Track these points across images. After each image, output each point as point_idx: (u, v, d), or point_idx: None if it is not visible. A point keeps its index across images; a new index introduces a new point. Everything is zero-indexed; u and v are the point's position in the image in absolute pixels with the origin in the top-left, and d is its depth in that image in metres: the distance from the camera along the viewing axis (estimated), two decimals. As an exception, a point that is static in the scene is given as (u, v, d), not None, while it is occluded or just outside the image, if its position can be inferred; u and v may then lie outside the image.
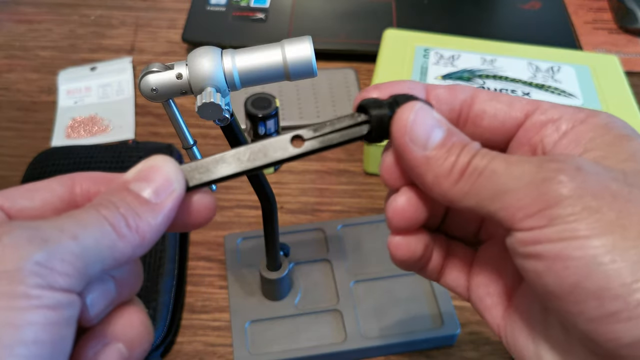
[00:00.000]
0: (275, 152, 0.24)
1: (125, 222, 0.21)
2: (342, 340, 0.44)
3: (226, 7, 0.71)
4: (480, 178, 0.22)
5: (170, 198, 0.22)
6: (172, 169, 0.23)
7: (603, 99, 0.52)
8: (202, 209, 0.24)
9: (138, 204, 0.21)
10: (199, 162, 0.23)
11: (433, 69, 0.54)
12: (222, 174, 0.24)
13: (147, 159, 0.23)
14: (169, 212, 0.22)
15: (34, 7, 0.74)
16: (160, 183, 0.22)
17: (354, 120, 0.24)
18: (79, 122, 0.61)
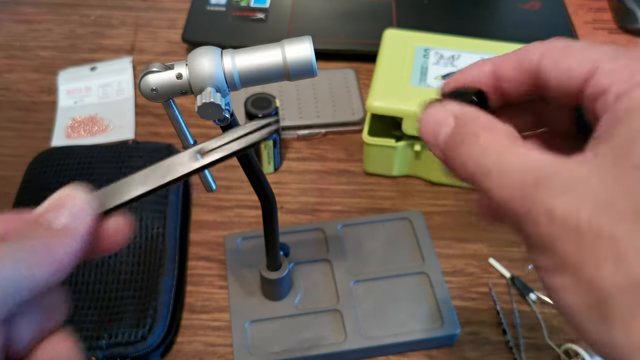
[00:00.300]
0: (179, 168, 0.25)
1: (36, 252, 0.21)
2: (342, 340, 0.44)
3: (226, 7, 0.71)
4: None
5: (84, 223, 0.23)
6: (84, 196, 0.24)
7: (603, 99, 0.52)
8: (116, 232, 0.25)
9: (52, 233, 0.22)
10: (110, 187, 0.25)
11: (433, 69, 0.54)
12: (133, 195, 0.25)
13: (58, 191, 0.24)
14: (83, 237, 0.23)
15: (34, 7, 0.74)
16: (73, 210, 0.23)
17: (254, 126, 0.25)
18: (79, 122, 0.61)
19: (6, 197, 0.53)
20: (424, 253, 0.49)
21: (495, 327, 0.46)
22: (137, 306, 0.44)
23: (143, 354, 0.42)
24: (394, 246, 0.50)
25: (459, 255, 0.51)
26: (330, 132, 0.60)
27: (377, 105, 0.51)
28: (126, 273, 0.46)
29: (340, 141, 0.60)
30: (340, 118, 0.60)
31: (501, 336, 0.46)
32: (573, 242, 0.19)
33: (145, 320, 0.43)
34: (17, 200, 0.50)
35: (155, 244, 0.47)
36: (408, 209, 0.53)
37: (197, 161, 0.25)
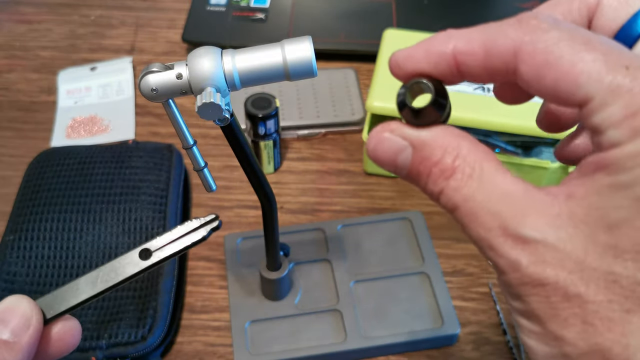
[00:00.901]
0: (125, 269, 0.26)
1: None
2: (342, 340, 0.44)
3: (226, 7, 0.71)
4: (470, 179, 0.20)
5: (28, 334, 0.23)
6: (27, 307, 0.24)
7: (603, 99, 0.52)
8: (65, 336, 0.25)
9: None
10: (54, 292, 0.25)
11: (433, 69, 0.54)
12: (77, 300, 0.25)
13: (3, 300, 0.24)
14: (28, 348, 0.23)
15: (34, 7, 0.74)
16: (16, 322, 0.23)
17: (195, 224, 0.26)
18: (79, 122, 0.61)
19: (6, 197, 0.53)
20: (424, 253, 0.49)
21: (495, 327, 0.47)
22: (137, 306, 0.44)
23: (143, 354, 0.42)
24: (394, 246, 0.50)
25: (459, 255, 0.51)
26: (330, 132, 0.60)
27: (377, 105, 0.51)
28: (126, 273, 0.46)
29: (340, 141, 0.60)
30: (340, 118, 0.60)
31: (501, 336, 0.46)
32: (541, 297, 0.18)
33: (145, 320, 0.43)
34: (17, 200, 0.50)
35: (155, 244, 0.47)
36: (408, 209, 0.53)
37: (143, 261, 0.26)
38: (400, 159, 0.22)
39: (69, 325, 0.25)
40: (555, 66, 0.19)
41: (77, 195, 0.49)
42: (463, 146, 0.21)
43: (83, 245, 0.46)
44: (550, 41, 0.19)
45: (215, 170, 0.57)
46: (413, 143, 0.21)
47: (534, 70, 0.19)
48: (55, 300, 0.25)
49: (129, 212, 0.48)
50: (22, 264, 0.45)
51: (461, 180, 0.20)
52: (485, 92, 0.52)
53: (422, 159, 0.21)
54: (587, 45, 0.18)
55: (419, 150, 0.21)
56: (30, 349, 0.23)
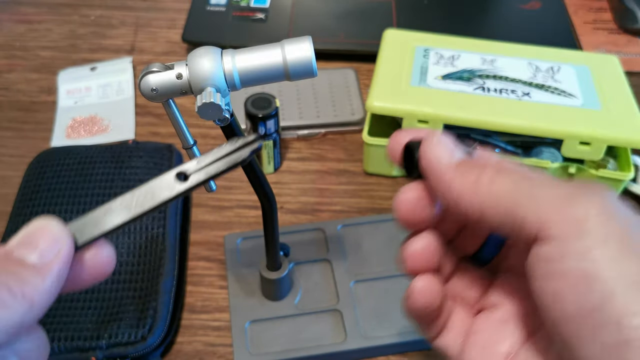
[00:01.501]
0: (162, 192, 0.24)
1: (7, 290, 0.20)
2: (342, 340, 0.44)
3: (226, 7, 0.71)
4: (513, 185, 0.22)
5: (58, 259, 0.21)
6: (57, 229, 0.22)
7: (603, 99, 0.52)
8: (97, 264, 0.23)
9: (22, 270, 0.21)
10: (86, 217, 0.23)
11: (433, 69, 0.54)
12: (111, 225, 0.23)
13: (30, 222, 0.22)
14: (58, 274, 0.21)
15: (34, 7, 0.74)
16: (46, 245, 0.22)
17: (234, 146, 0.24)
18: (79, 122, 0.61)
19: (6, 197, 0.53)
20: (424, 253, 0.49)
21: (495, 327, 0.46)
22: (137, 306, 0.44)
23: (143, 354, 0.42)
24: (394, 246, 0.50)
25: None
26: (330, 132, 0.60)
27: (377, 105, 0.51)
28: (126, 273, 0.46)
29: (340, 141, 0.60)
30: (340, 118, 0.60)
31: (501, 336, 0.46)
32: None
33: (145, 320, 0.43)
34: (17, 200, 0.50)
35: (155, 244, 0.47)
36: (408, 209, 0.53)
37: (180, 184, 0.24)
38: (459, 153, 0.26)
39: (103, 252, 0.23)
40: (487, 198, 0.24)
41: (77, 195, 0.49)
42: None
43: (83, 245, 0.46)
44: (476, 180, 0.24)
45: (215, 170, 0.56)
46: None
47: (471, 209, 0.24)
48: (86, 225, 0.23)
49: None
50: (22, 264, 0.45)
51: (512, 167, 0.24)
52: (485, 92, 0.52)
53: None
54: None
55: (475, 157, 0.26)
56: (60, 275, 0.21)
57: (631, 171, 0.51)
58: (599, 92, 0.52)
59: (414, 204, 0.26)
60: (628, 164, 0.52)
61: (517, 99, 0.51)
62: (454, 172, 0.24)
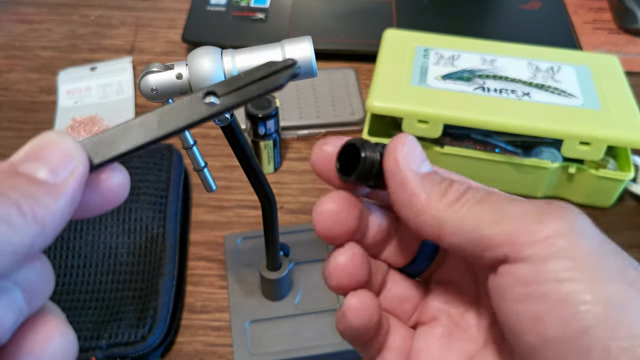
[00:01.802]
0: (187, 113, 0.21)
1: (17, 209, 0.17)
2: (342, 340, 0.44)
3: (226, 7, 0.71)
4: (479, 204, 0.21)
5: (73, 177, 0.18)
6: (70, 144, 0.19)
7: (603, 99, 0.52)
8: (111, 189, 0.20)
9: (33, 186, 0.18)
10: (102, 135, 0.20)
11: (433, 69, 0.54)
12: (130, 145, 0.20)
13: (37, 136, 0.19)
14: (72, 194, 0.18)
15: (34, 7, 0.74)
16: (58, 160, 0.18)
17: (271, 68, 0.21)
18: (79, 122, 0.61)
19: (6, 197, 0.53)
20: (424, 253, 0.49)
21: (495, 327, 0.46)
22: (137, 306, 0.44)
23: (143, 354, 0.42)
24: (394, 246, 0.50)
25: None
26: (330, 132, 0.60)
27: (377, 105, 0.51)
28: (126, 273, 0.46)
29: (340, 141, 0.60)
30: (340, 118, 0.60)
31: (501, 336, 0.46)
32: None
33: (145, 320, 0.43)
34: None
35: (155, 244, 0.47)
36: (408, 209, 0.53)
37: (209, 106, 0.21)
38: (427, 164, 0.24)
39: (119, 175, 0.20)
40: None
41: (77, 195, 0.49)
42: None
43: (83, 245, 0.46)
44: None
45: (215, 170, 0.57)
46: None
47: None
48: (102, 144, 0.20)
49: (129, 212, 0.48)
50: (22, 264, 0.45)
51: (481, 189, 0.23)
52: (485, 92, 0.52)
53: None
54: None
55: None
56: (74, 196, 0.18)
57: (631, 171, 0.51)
58: (599, 92, 0.52)
59: (335, 217, 0.24)
60: (628, 164, 0.52)
61: (517, 99, 0.51)
62: (420, 183, 0.22)
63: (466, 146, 0.53)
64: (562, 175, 0.53)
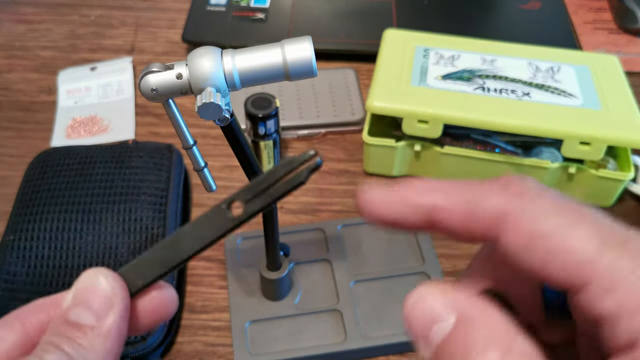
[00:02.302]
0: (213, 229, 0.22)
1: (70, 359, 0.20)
2: (342, 340, 0.44)
3: (226, 7, 0.71)
4: None
5: (112, 316, 0.21)
6: (107, 283, 0.21)
7: (603, 99, 0.52)
8: (157, 308, 0.22)
9: (80, 334, 0.20)
10: (136, 261, 0.22)
11: (433, 69, 0.54)
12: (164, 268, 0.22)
13: (80, 276, 0.22)
14: (116, 330, 0.21)
15: (34, 7, 0.74)
16: (98, 303, 0.21)
17: (291, 165, 0.22)
18: (79, 122, 0.61)
19: (6, 197, 0.53)
20: (424, 253, 0.49)
21: (495, 327, 0.46)
22: (137, 306, 0.44)
23: (143, 354, 0.42)
24: (394, 246, 0.50)
25: (459, 255, 0.51)
26: (330, 132, 0.60)
27: (377, 105, 0.51)
28: (126, 273, 0.46)
29: (340, 141, 0.60)
30: (340, 118, 0.60)
31: (501, 336, 0.46)
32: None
33: (145, 320, 0.43)
34: (17, 200, 0.50)
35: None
36: (408, 209, 0.53)
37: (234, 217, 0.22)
38: (435, 330, 0.18)
39: (161, 296, 0.22)
40: (544, 241, 0.17)
41: (77, 195, 0.49)
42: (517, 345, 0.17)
43: (83, 245, 0.46)
44: (538, 212, 0.17)
45: (215, 170, 0.57)
46: (461, 315, 0.18)
47: (520, 242, 0.17)
48: (138, 270, 0.22)
49: (129, 212, 0.48)
50: (22, 264, 0.45)
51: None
52: (485, 92, 0.52)
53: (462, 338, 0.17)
54: (577, 218, 0.17)
55: (463, 326, 0.17)
56: (117, 331, 0.21)
57: (631, 171, 0.51)
58: (599, 92, 0.52)
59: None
60: (628, 164, 0.52)
61: (517, 99, 0.51)
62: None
63: (466, 146, 0.53)
64: (562, 175, 0.53)
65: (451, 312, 0.18)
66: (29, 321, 0.22)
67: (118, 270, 0.22)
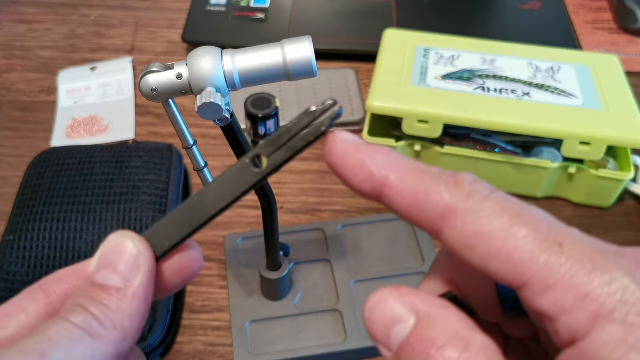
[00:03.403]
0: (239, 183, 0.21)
1: (97, 320, 0.19)
2: (342, 340, 0.44)
3: (226, 7, 0.71)
4: None
5: (139, 277, 0.20)
6: (134, 245, 0.21)
7: (603, 99, 0.52)
8: (183, 269, 0.22)
9: (107, 296, 0.20)
10: (159, 224, 0.22)
11: (433, 69, 0.54)
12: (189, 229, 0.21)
13: (105, 240, 0.22)
14: (142, 292, 0.20)
15: (34, 7, 0.74)
16: (124, 265, 0.21)
17: (311, 116, 0.21)
18: (79, 122, 0.61)
19: (6, 197, 0.53)
20: (424, 253, 0.49)
21: (495, 327, 0.46)
22: (137, 306, 0.44)
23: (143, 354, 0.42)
24: (394, 246, 0.50)
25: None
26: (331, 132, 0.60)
27: (377, 105, 0.51)
28: (126, 273, 0.46)
29: (340, 141, 0.60)
30: (340, 118, 0.60)
31: (501, 336, 0.46)
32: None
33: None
34: (17, 200, 0.50)
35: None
36: (408, 209, 0.53)
37: (258, 170, 0.21)
38: (396, 331, 0.18)
39: (186, 257, 0.22)
40: (485, 241, 0.18)
41: (77, 195, 0.49)
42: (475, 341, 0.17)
43: (83, 245, 0.46)
44: (482, 212, 0.18)
45: (215, 170, 0.56)
46: (421, 316, 0.18)
47: (462, 240, 0.18)
48: (164, 232, 0.21)
49: (129, 212, 0.48)
50: (22, 264, 0.45)
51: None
52: (485, 92, 0.52)
53: (422, 337, 0.18)
54: (518, 219, 0.18)
55: (423, 325, 0.18)
56: (144, 294, 0.20)
57: (631, 171, 0.51)
58: (599, 92, 0.52)
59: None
60: (628, 164, 0.52)
61: (517, 99, 0.51)
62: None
63: (466, 146, 0.53)
64: (562, 175, 0.53)
65: (411, 313, 0.18)
66: (53, 291, 0.22)
67: (143, 233, 0.22)
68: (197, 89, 0.29)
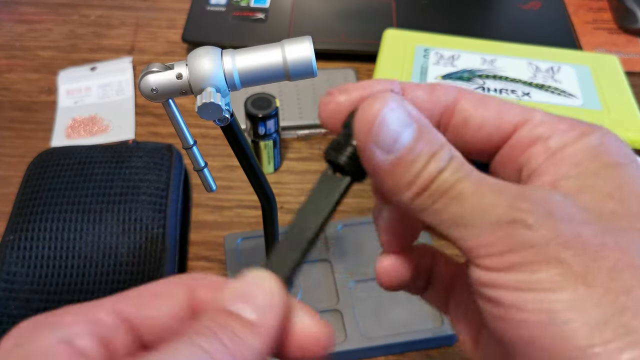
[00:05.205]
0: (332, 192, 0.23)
1: (226, 349, 0.18)
2: (342, 340, 0.44)
3: (226, 7, 0.71)
4: (442, 198, 0.20)
5: (274, 316, 0.20)
6: (270, 282, 0.21)
7: (603, 99, 0.52)
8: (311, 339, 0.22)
9: (239, 326, 0.19)
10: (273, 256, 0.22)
11: (433, 69, 0.54)
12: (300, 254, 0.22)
13: (243, 273, 0.21)
14: (273, 332, 0.20)
15: (34, 7, 0.74)
16: (261, 299, 0.20)
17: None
18: (79, 122, 0.61)
19: (6, 197, 0.53)
20: (424, 253, 0.49)
21: (495, 327, 0.46)
22: (137, 306, 0.44)
23: (143, 354, 0.42)
24: (394, 246, 0.50)
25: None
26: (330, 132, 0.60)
27: (377, 105, 0.51)
28: (126, 273, 0.46)
29: (340, 141, 0.60)
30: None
31: (501, 336, 0.46)
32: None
33: (145, 320, 0.43)
34: (17, 200, 0.50)
35: (155, 244, 0.47)
36: (408, 209, 0.53)
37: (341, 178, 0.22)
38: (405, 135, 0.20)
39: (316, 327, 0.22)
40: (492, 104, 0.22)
41: (77, 195, 0.49)
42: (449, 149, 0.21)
43: (83, 245, 0.46)
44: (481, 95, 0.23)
45: (215, 170, 0.57)
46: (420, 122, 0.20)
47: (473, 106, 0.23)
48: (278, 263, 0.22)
49: (129, 212, 0.48)
50: (22, 264, 0.45)
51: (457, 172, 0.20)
52: (485, 92, 0.52)
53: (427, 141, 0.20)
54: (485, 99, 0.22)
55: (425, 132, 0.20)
56: (274, 334, 0.20)
57: (631, 171, 0.51)
58: (599, 92, 0.52)
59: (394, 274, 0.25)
60: (628, 164, 0.52)
61: (517, 99, 0.51)
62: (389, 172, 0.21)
63: (466, 146, 0.53)
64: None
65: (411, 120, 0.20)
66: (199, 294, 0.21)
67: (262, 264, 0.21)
68: (197, 89, 0.29)
